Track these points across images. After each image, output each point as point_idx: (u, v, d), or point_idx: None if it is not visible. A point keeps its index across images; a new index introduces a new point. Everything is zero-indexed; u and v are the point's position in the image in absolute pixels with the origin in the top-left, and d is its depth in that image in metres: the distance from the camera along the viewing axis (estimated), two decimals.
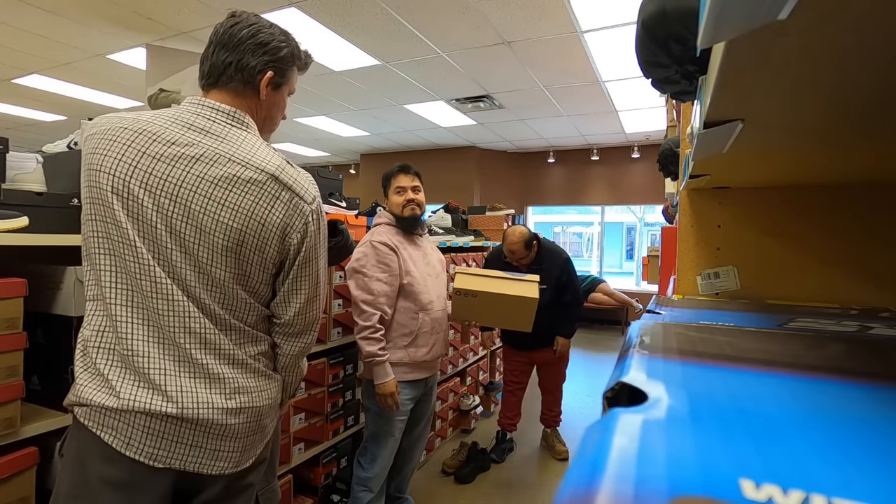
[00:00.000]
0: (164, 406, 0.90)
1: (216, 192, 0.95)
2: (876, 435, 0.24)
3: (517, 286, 2.16)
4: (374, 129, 6.90)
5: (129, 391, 0.89)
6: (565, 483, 0.20)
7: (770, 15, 0.26)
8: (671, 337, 0.47)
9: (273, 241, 1.01)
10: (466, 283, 2.07)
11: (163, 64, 3.58)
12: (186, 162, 0.95)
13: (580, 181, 8.01)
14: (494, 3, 3.26)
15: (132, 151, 0.93)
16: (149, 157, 0.93)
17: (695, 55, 0.60)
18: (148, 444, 0.90)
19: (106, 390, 0.89)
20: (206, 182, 0.95)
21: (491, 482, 2.69)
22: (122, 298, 0.92)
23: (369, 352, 1.84)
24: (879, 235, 1.02)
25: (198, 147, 0.96)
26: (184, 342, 0.93)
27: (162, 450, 0.91)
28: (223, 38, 1.05)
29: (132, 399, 0.89)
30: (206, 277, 0.96)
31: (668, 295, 1.24)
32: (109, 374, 0.90)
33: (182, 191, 0.94)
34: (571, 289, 2.88)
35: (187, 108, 1.01)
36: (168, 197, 0.93)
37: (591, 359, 5.43)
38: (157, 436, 0.90)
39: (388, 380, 1.86)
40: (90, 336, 0.93)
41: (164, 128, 0.96)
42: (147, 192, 0.93)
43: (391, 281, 1.91)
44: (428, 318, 1.99)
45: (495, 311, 2.17)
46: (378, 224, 2.06)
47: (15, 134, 7.30)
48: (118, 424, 0.89)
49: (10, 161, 1.49)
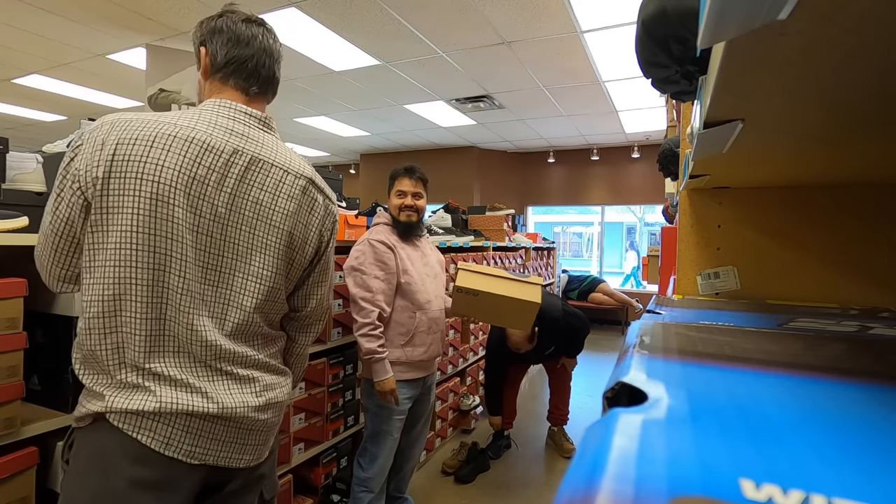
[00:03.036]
0: (206, 406, 0.94)
1: (266, 198, 1.00)
2: (876, 435, 0.24)
3: (520, 288, 2.12)
4: (374, 129, 6.91)
5: (169, 394, 0.91)
6: (565, 483, 0.20)
7: (770, 15, 0.26)
8: (671, 337, 0.47)
9: (313, 241, 1.10)
10: (469, 282, 2.04)
11: (163, 64, 3.59)
12: (237, 170, 0.97)
13: (580, 181, 8.01)
14: (494, 3, 3.26)
15: (188, 161, 0.92)
16: (204, 168, 0.93)
17: (695, 55, 0.60)
18: (187, 442, 0.93)
19: (141, 395, 0.90)
20: (257, 188, 0.99)
21: (492, 482, 2.69)
22: (156, 312, 0.91)
23: (369, 349, 1.84)
24: (880, 235, 1.02)
25: (243, 155, 0.98)
26: (215, 351, 0.97)
27: (199, 447, 0.94)
28: (268, 46, 1.06)
29: (174, 401, 0.91)
30: (257, 283, 1.00)
31: (668, 295, 1.24)
32: (139, 379, 0.90)
33: (237, 200, 0.97)
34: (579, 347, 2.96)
35: (220, 112, 0.99)
36: (225, 206, 0.96)
37: (591, 359, 5.43)
38: (196, 434, 0.94)
39: (388, 377, 1.86)
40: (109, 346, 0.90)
41: (210, 135, 0.95)
42: (207, 202, 0.94)
43: (388, 279, 1.92)
44: (425, 317, 1.99)
45: (495, 311, 2.15)
46: (377, 223, 2.06)
47: (15, 134, 7.30)
48: (157, 426, 0.91)
49: (10, 161, 1.49)
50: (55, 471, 1.23)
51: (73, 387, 1.25)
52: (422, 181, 2.04)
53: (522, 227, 6.31)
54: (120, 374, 0.90)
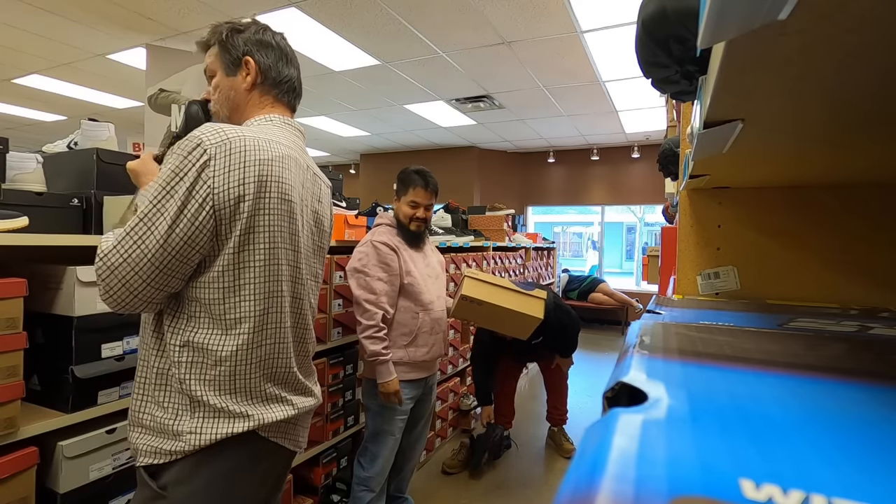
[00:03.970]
0: (313, 401, 1.09)
1: (321, 207, 1.14)
2: (876, 435, 0.24)
3: (523, 302, 2.14)
4: (374, 129, 6.90)
5: (299, 399, 1.04)
6: (565, 483, 0.20)
7: (770, 15, 0.26)
8: (671, 337, 0.47)
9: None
10: (474, 292, 2.05)
11: (163, 64, 3.58)
12: (311, 183, 1.09)
13: (580, 181, 8.01)
14: (494, 3, 3.26)
15: (300, 180, 1.03)
16: (307, 185, 1.07)
17: (695, 55, 0.60)
18: (302, 435, 1.09)
19: (280, 406, 0.99)
20: (315, 199, 1.11)
21: (492, 482, 2.69)
22: (291, 320, 1.02)
23: (373, 351, 1.84)
24: (880, 235, 1.02)
25: (310, 170, 1.09)
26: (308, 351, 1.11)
27: (303, 437, 1.10)
28: (289, 52, 1.11)
29: (304, 404, 1.05)
30: (316, 285, 1.16)
31: (668, 295, 1.24)
32: (274, 390, 0.99)
33: (318, 209, 1.12)
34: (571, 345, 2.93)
35: (286, 129, 1.07)
36: (312, 218, 1.10)
37: (591, 359, 5.43)
38: (305, 427, 1.11)
39: (392, 378, 1.86)
40: (243, 359, 0.93)
41: (297, 153, 1.05)
42: (310, 213, 1.09)
43: (392, 280, 1.91)
44: (428, 317, 1.99)
45: (496, 319, 2.17)
46: (379, 224, 2.05)
47: (15, 134, 7.30)
48: (293, 429, 1.04)
49: (10, 161, 1.49)
50: (55, 471, 1.23)
51: (73, 387, 1.25)
52: (435, 194, 2.04)
53: (522, 227, 6.32)
54: (263, 387, 0.96)
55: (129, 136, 3.98)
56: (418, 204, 1.99)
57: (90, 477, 1.29)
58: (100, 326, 1.31)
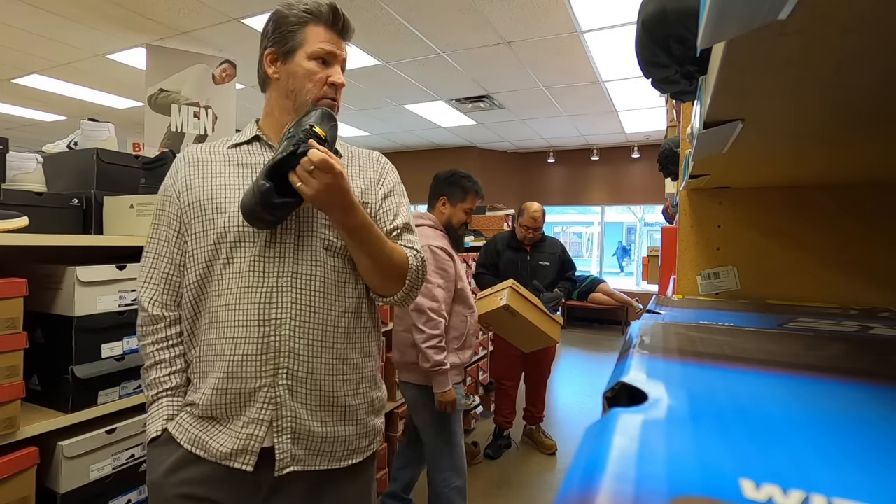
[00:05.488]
0: None
1: None
2: (876, 435, 0.24)
3: (547, 323, 2.46)
4: (374, 129, 6.90)
5: None
6: (566, 483, 0.20)
7: (770, 15, 0.26)
8: (671, 337, 0.47)
9: None
10: (516, 304, 2.33)
11: (163, 64, 3.58)
12: None
13: (580, 181, 8.01)
14: (494, 3, 3.26)
15: None
16: None
17: (695, 55, 0.60)
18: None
19: None
20: None
21: (491, 481, 2.69)
22: None
23: (437, 360, 1.77)
24: (880, 235, 1.02)
25: None
26: None
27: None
28: None
29: None
30: None
31: (668, 295, 1.24)
32: None
33: None
34: (571, 266, 3.23)
35: None
36: None
37: (591, 359, 5.43)
38: None
39: (451, 387, 1.80)
40: None
41: None
42: None
43: (448, 287, 1.88)
44: (473, 319, 2.00)
45: (517, 331, 2.46)
46: (422, 225, 1.96)
47: (15, 134, 7.30)
48: None
49: (10, 161, 1.49)
50: (55, 471, 1.23)
51: (73, 387, 1.25)
52: None
53: None
54: None
55: (129, 136, 3.98)
56: (471, 211, 2.04)
57: (90, 477, 1.29)
58: (100, 326, 1.31)
